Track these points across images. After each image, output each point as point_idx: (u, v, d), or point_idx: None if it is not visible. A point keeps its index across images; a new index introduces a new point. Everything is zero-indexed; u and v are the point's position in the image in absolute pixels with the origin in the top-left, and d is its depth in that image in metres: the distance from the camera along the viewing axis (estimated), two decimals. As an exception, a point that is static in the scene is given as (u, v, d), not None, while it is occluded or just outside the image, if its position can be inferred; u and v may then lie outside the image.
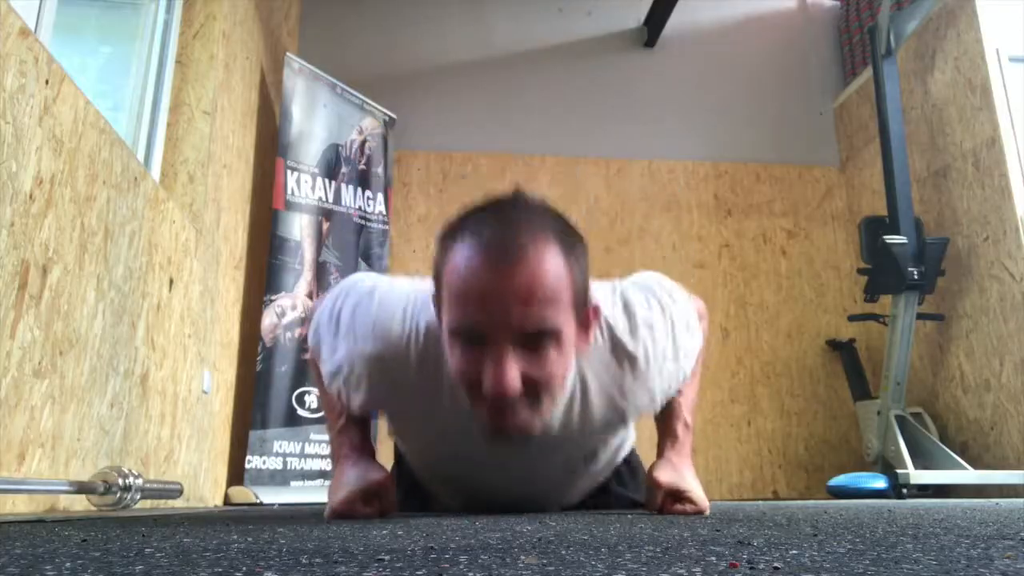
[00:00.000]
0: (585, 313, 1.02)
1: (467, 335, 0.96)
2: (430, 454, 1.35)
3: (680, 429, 1.31)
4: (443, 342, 1.02)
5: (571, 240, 0.98)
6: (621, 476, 1.54)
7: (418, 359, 1.10)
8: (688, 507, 1.22)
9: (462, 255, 0.94)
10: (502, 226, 0.94)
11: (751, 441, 3.90)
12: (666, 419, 1.33)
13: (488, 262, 0.92)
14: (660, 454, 1.31)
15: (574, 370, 1.09)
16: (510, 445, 1.06)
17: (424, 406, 1.15)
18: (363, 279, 1.24)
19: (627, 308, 1.15)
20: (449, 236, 0.98)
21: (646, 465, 1.34)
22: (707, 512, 1.22)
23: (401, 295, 1.15)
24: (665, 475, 1.24)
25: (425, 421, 1.19)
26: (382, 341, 1.11)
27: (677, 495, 1.23)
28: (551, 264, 0.94)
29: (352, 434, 1.25)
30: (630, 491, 1.53)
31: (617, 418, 1.20)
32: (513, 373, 0.94)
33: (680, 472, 1.26)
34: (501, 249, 0.92)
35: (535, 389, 0.97)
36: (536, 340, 0.95)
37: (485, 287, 0.92)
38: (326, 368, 1.20)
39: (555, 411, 1.08)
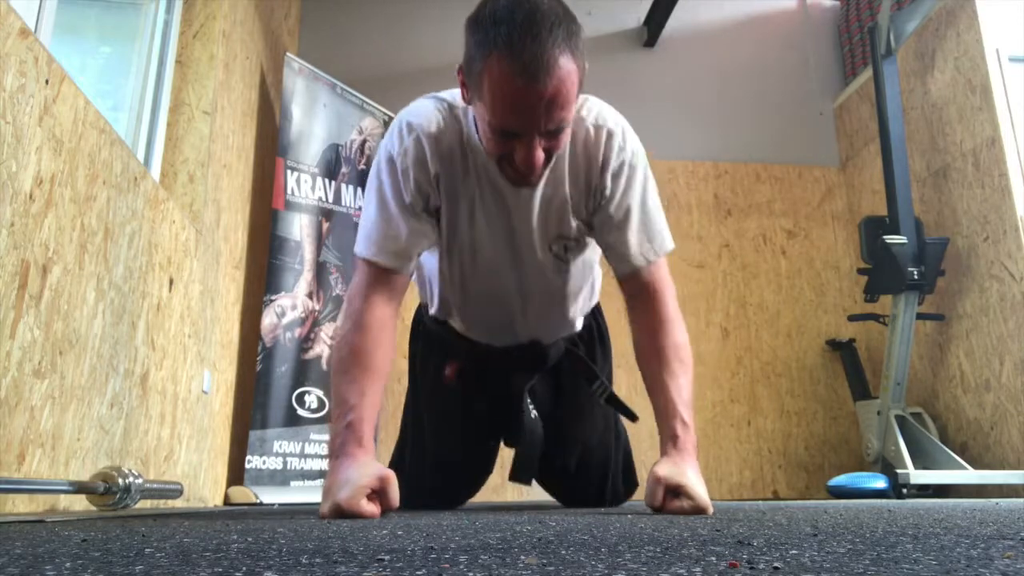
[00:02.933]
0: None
1: (504, 131, 1.23)
2: (456, 266, 1.52)
3: (679, 427, 1.31)
4: (474, 122, 1.34)
5: (577, 38, 1.19)
6: (592, 345, 1.79)
7: (450, 125, 1.37)
8: (686, 503, 1.22)
9: (500, 71, 1.15)
10: (531, 45, 1.13)
11: (751, 441, 3.90)
12: (663, 419, 1.34)
13: (525, 81, 1.14)
14: (663, 453, 1.31)
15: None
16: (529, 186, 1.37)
17: (457, 185, 1.40)
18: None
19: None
20: (484, 40, 1.17)
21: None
22: (710, 511, 1.21)
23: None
24: (664, 470, 1.25)
25: (457, 207, 1.42)
26: (417, 120, 1.37)
27: (676, 491, 1.23)
28: (572, 75, 1.18)
29: (357, 431, 1.25)
30: (598, 365, 1.76)
31: (580, 203, 1.43)
32: (540, 155, 1.25)
33: (681, 469, 1.26)
34: (534, 69, 1.14)
35: (549, 152, 1.28)
36: (555, 130, 1.23)
37: (523, 101, 1.17)
38: (376, 211, 1.38)
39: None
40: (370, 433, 1.27)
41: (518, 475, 1.68)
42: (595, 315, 1.84)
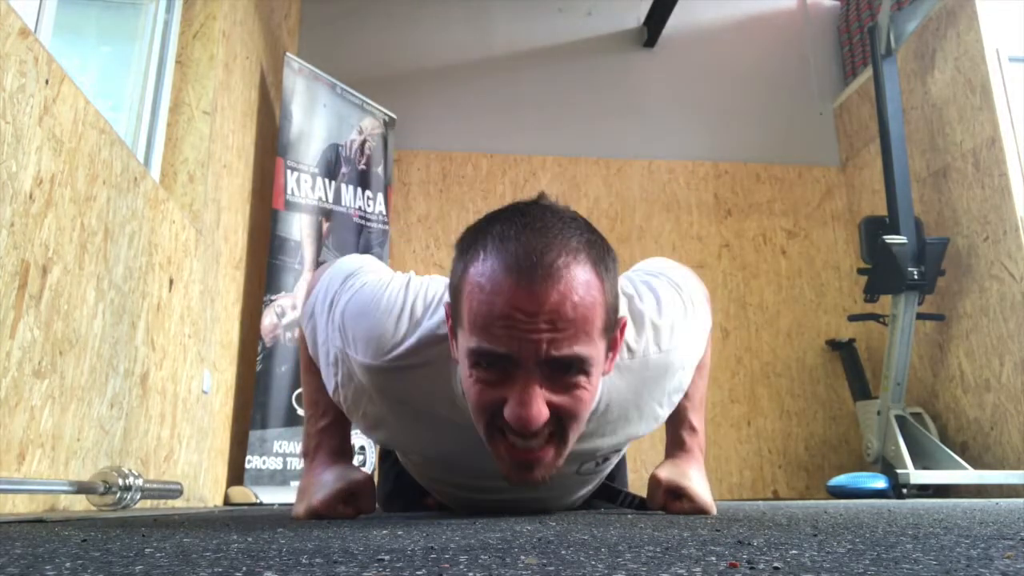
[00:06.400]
0: (614, 334, 0.93)
1: (489, 360, 0.86)
2: (429, 467, 1.29)
3: (686, 434, 1.31)
4: (456, 361, 0.95)
5: (603, 253, 0.89)
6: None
7: (422, 374, 1.02)
8: (686, 505, 1.22)
9: (486, 270, 0.84)
10: (531, 238, 0.84)
11: (751, 441, 3.90)
12: (671, 423, 1.32)
13: (517, 280, 0.82)
14: (667, 455, 1.32)
15: (598, 393, 0.99)
16: (532, 490, 0.97)
17: (425, 424, 1.08)
18: (357, 271, 1.15)
19: (634, 310, 1.06)
20: (470, 245, 0.88)
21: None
22: (712, 512, 1.21)
23: (397, 301, 1.06)
24: (665, 472, 1.25)
25: (425, 437, 1.13)
26: (375, 349, 1.03)
27: (677, 492, 1.23)
28: (584, 284, 0.84)
29: (333, 434, 1.21)
30: (617, 483, 1.50)
31: (634, 430, 1.13)
32: (540, 403, 0.85)
33: (682, 470, 1.26)
34: (530, 266, 0.82)
35: (561, 422, 0.89)
36: (565, 369, 0.86)
37: (512, 308, 0.83)
38: (321, 363, 1.15)
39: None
40: (346, 435, 1.24)
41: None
42: None
